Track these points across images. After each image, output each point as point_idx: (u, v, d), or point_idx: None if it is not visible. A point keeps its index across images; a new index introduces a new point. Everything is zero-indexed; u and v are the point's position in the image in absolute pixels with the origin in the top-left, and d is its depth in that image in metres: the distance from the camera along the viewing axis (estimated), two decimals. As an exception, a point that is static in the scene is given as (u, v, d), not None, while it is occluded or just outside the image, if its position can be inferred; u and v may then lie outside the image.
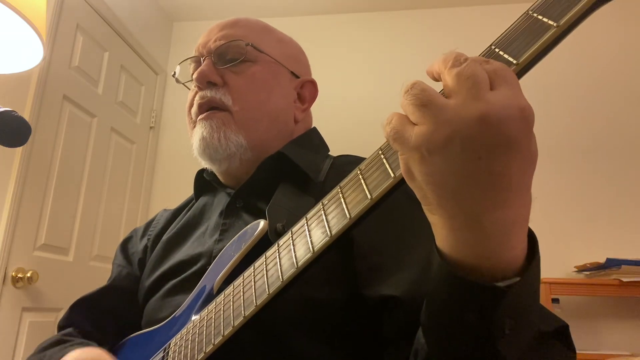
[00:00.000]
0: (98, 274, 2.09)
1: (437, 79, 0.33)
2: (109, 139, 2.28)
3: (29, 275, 1.72)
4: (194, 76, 0.76)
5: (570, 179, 2.22)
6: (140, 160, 2.54)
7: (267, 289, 0.47)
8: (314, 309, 0.59)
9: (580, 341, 1.93)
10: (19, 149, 1.70)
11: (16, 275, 1.69)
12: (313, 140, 0.83)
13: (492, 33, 0.37)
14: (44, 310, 1.84)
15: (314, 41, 2.47)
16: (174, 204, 0.94)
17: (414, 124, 0.31)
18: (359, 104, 2.52)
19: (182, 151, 2.58)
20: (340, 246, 0.59)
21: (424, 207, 0.35)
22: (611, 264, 1.85)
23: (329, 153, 0.84)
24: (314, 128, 0.86)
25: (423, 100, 0.30)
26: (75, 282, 1.96)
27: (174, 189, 2.54)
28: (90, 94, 2.14)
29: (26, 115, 1.74)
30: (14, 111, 0.74)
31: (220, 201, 0.80)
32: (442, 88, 0.33)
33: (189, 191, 0.89)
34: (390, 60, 2.58)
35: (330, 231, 0.42)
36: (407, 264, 0.57)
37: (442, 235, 0.34)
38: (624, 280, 1.81)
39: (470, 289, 0.33)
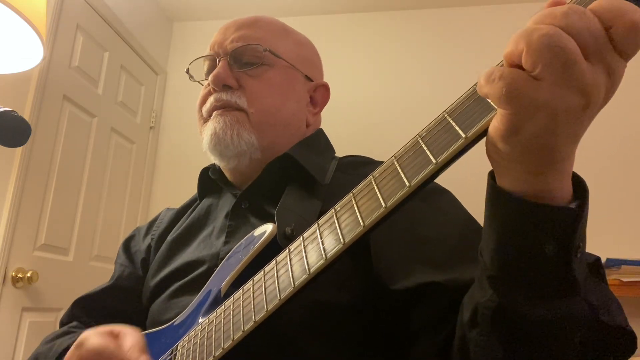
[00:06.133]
0: (98, 274, 2.09)
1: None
2: (109, 139, 2.28)
3: (29, 275, 1.72)
4: (210, 78, 0.75)
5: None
6: (140, 160, 2.54)
7: (278, 294, 0.47)
8: (323, 312, 0.59)
9: (580, 341, 1.91)
10: (19, 149, 1.70)
11: (16, 275, 1.69)
12: (319, 142, 0.83)
13: (502, 32, 0.37)
14: (44, 310, 1.84)
15: (319, 41, 2.46)
16: (174, 204, 0.93)
17: (538, 79, 0.30)
18: (367, 105, 2.52)
19: (182, 151, 2.58)
20: (352, 249, 0.60)
21: (505, 161, 0.35)
22: (611, 264, 1.85)
23: (335, 154, 0.84)
24: (320, 130, 0.86)
25: (569, 60, 0.29)
26: (75, 282, 1.96)
27: (174, 189, 2.54)
28: (90, 94, 2.14)
29: (26, 115, 1.74)
30: (14, 111, 0.74)
31: (226, 202, 0.80)
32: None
33: (189, 191, 0.89)
34: (398, 60, 2.57)
35: (343, 239, 0.42)
36: (429, 251, 0.58)
37: (515, 177, 0.35)
38: (624, 280, 1.81)
39: (551, 213, 0.35)
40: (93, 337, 0.55)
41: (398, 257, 0.59)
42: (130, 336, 0.55)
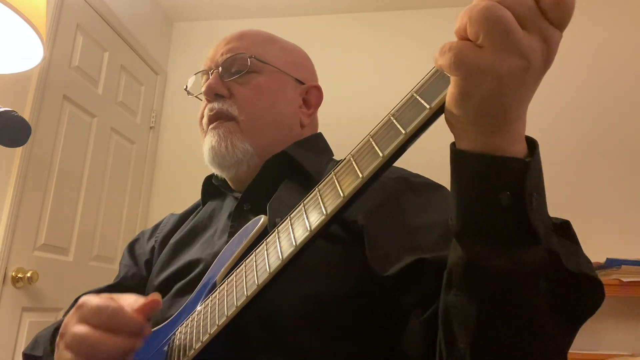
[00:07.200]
0: (98, 274, 2.09)
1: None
2: (109, 139, 2.28)
3: (29, 275, 1.72)
4: (203, 89, 0.81)
5: (570, 179, 2.22)
6: (140, 160, 2.54)
7: (268, 269, 0.49)
8: (320, 304, 0.61)
9: (580, 341, 1.91)
10: (19, 149, 1.70)
11: (16, 275, 1.69)
12: (317, 143, 0.86)
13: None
14: (44, 310, 1.84)
15: (318, 41, 2.47)
16: (174, 204, 0.94)
17: (481, 47, 0.34)
18: (367, 105, 2.51)
19: (182, 151, 2.58)
20: (347, 241, 0.62)
21: (460, 124, 0.38)
22: (611, 264, 1.85)
23: (333, 157, 0.87)
24: (320, 133, 0.89)
25: (506, 27, 0.33)
26: (75, 282, 1.96)
27: (174, 189, 2.53)
28: (90, 94, 2.14)
29: (26, 115, 1.74)
30: (14, 111, 0.74)
31: (229, 205, 0.82)
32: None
33: (189, 191, 0.90)
34: (396, 60, 2.57)
35: (325, 210, 0.45)
36: (420, 238, 0.60)
37: (471, 138, 0.39)
38: (624, 280, 1.81)
39: (501, 163, 0.38)
40: (93, 298, 0.55)
41: (389, 247, 0.61)
42: (129, 296, 0.55)
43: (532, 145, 0.41)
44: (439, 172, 0.86)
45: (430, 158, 1.28)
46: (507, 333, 0.43)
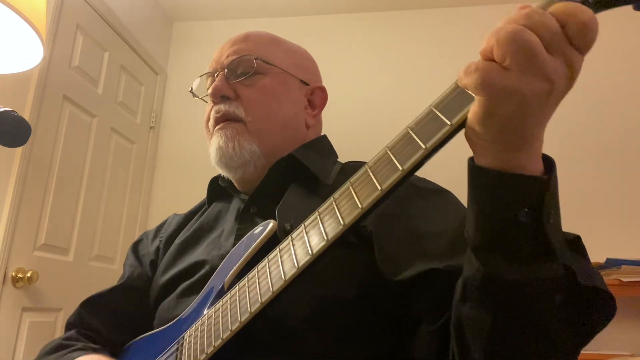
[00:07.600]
0: (98, 274, 2.09)
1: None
2: (109, 139, 2.28)
3: (29, 275, 1.72)
4: (209, 91, 0.81)
5: (569, 179, 2.22)
6: (140, 160, 2.54)
7: (283, 276, 0.49)
8: (328, 307, 0.62)
9: (580, 341, 1.91)
10: (19, 149, 1.70)
11: (16, 275, 1.69)
12: (323, 145, 0.87)
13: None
14: (44, 310, 1.84)
15: (319, 41, 2.46)
16: (174, 204, 0.94)
17: (507, 69, 0.35)
18: (369, 105, 2.51)
19: (182, 151, 2.58)
20: (355, 245, 0.63)
21: (482, 142, 0.39)
22: (611, 264, 1.85)
23: (337, 159, 0.87)
24: (324, 135, 0.90)
25: (533, 51, 0.34)
26: (75, 282, 1.96)
27: (174, 189, 2.54)
28: (90, 94, 2.14)
29: (26, 115, 1.74)
30: (14, 111, 0.75)
31: (235, 206, 0.82)
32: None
33: (189, 191, 0.90)
34: (396, 60, 2.57)
35: (343, 220, 0.45)
36: (429, 244, 0.60)
37: (491, 155, 0.40)
38: (624, 280, 1.81)
39: (522, 181, 0.39)
40: None
41: (399, 252, 0.61)
42: None
43: (547, 162, 0.42)
44: (443, 174, 0.87)
45: (434, 162, 1.28)
46: (521, 345, 0.44)
